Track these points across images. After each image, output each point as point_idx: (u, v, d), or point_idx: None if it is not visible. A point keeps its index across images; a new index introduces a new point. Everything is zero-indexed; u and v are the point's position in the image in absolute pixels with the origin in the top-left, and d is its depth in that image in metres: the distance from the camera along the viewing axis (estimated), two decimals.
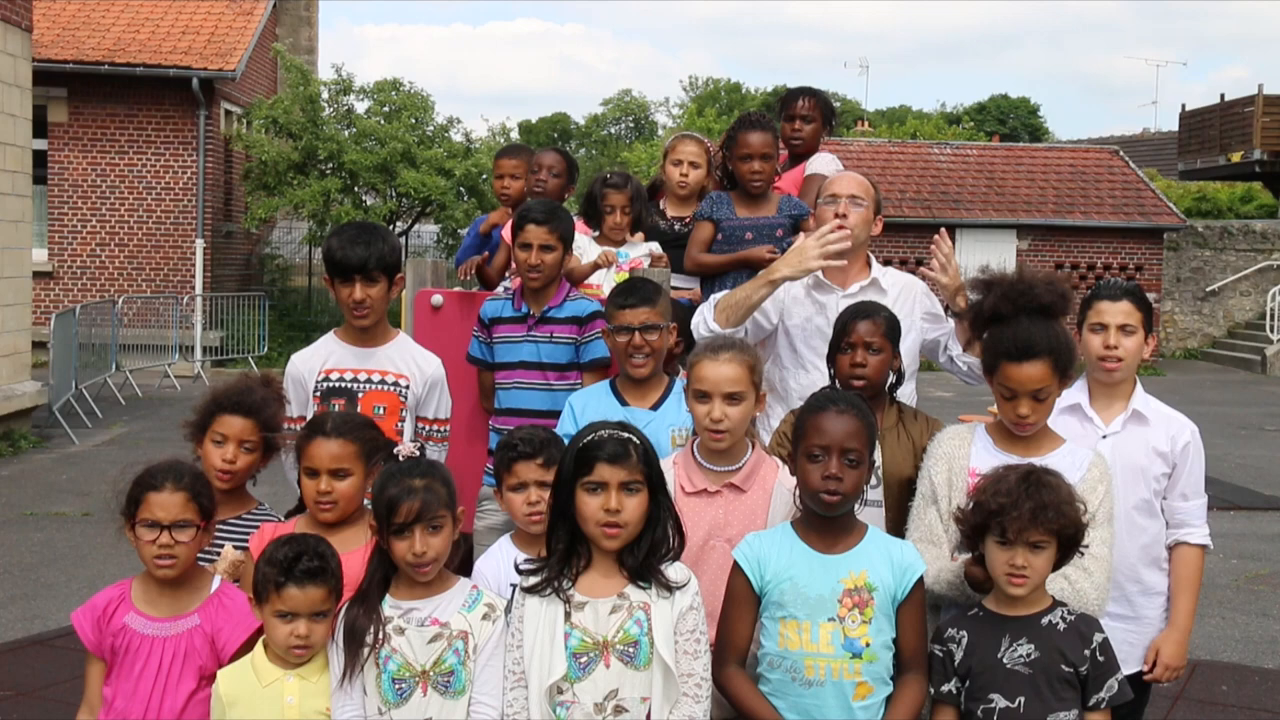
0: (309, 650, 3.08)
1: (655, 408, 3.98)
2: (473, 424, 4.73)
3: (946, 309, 4.37)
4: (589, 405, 4.00)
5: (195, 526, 3.22)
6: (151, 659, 3.19)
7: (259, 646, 3.14)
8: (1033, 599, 3.13)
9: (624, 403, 3.99)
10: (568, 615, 2.98)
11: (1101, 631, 3.16)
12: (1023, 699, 3.06)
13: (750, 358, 3.51)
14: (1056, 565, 3.13)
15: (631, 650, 2.96)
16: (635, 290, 4.09)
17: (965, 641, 3.15)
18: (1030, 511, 3.01)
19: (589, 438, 3.03)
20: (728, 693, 3.12)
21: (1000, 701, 3.07)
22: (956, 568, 3.30)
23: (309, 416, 3.95)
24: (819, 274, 4.29)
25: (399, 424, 4.05)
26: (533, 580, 3.04)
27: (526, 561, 3.13)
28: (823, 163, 5.58)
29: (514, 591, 3.33)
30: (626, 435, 3.04)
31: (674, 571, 3.04)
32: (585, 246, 5.04)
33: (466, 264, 5.20)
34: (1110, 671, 3.13)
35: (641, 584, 3.00)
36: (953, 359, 4.33)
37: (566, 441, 3.69)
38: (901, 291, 4.35)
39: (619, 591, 3.00)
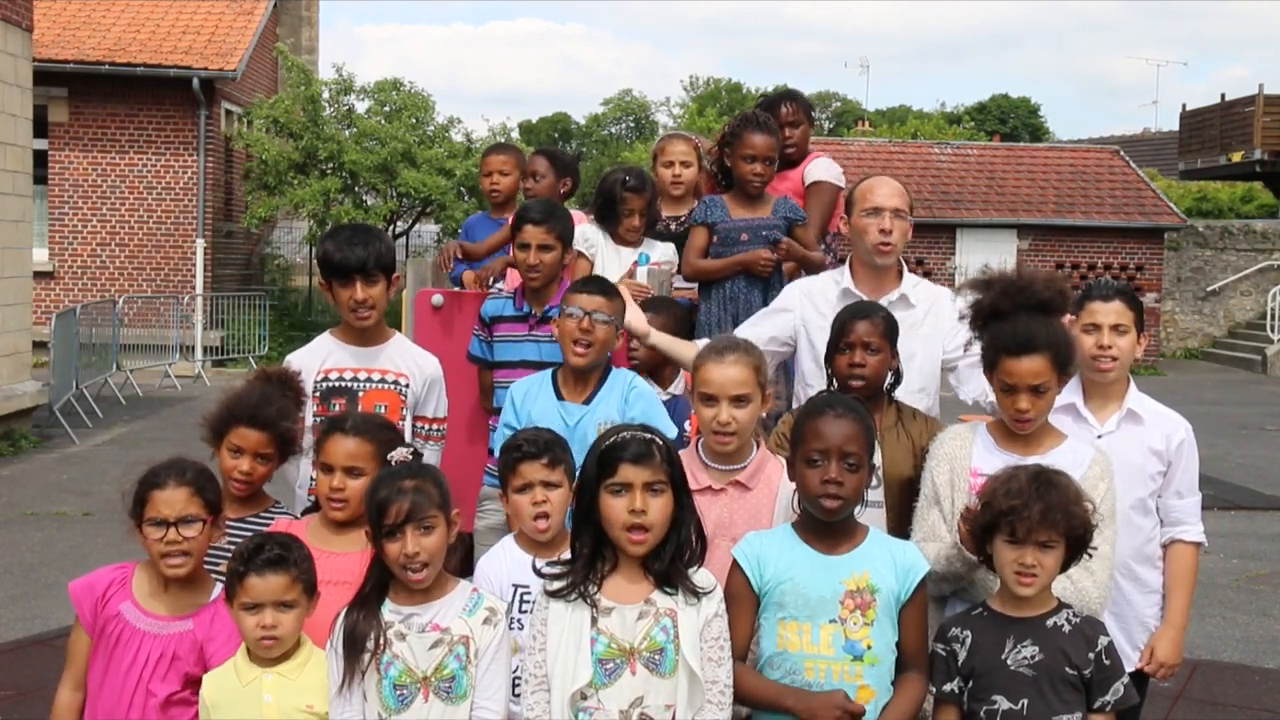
0: (277, 641, 3.06)
1: (588, 401, 3.98)
2: (473, 424, 4.72)
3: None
4: (529, 394, 4.03)
5: (202, 521, 3.23)
6: (140, 654, 3.20)
7: (241, 648, 3.13)
8: (1038, 600, 3.13)
9: (560, 396, 4.00)
10: (594, 620, 2.96)
11: (1106, 634, 3.16)
12: (1026, 701, 3.05)
13: (756, 359, 3.50)
14: (1065, 565, 3.12)
15: (658, 657, 2.95)
16: (596, 281, 4.15)
17: (969, 641, 3.14)
18: (1040, 512, 3.01)
19: (611, 439, 3.01)
20: (739, 690, 3.07)
21: (1003, 703, 3.06)
22: (953, 540, 3.30)
23: (307, 417, 3.94)
24: (849, 285, 4.26)
25: (399, 423, 4.05)
26: (558, 584, 3.02)
27: (549, 564, 3.11)
28: (823, 169, 5.57)
29: (515, 593, 3.33)
30: (649, 436, 3.02)
31: (700, 577, 3.03)
32: (600, 244, 5.04)
33: (445, 252, 5.20)
34: (1116, 675, 3.12)
35: (668, 590, 2.99)
36: (959, 386, 4.23)
37: (506, 431, 3.75)
38: (931, 306, 4.27)
39: (645, 597, 2.98)
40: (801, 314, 4.33)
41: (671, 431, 3.81)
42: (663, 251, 5.12)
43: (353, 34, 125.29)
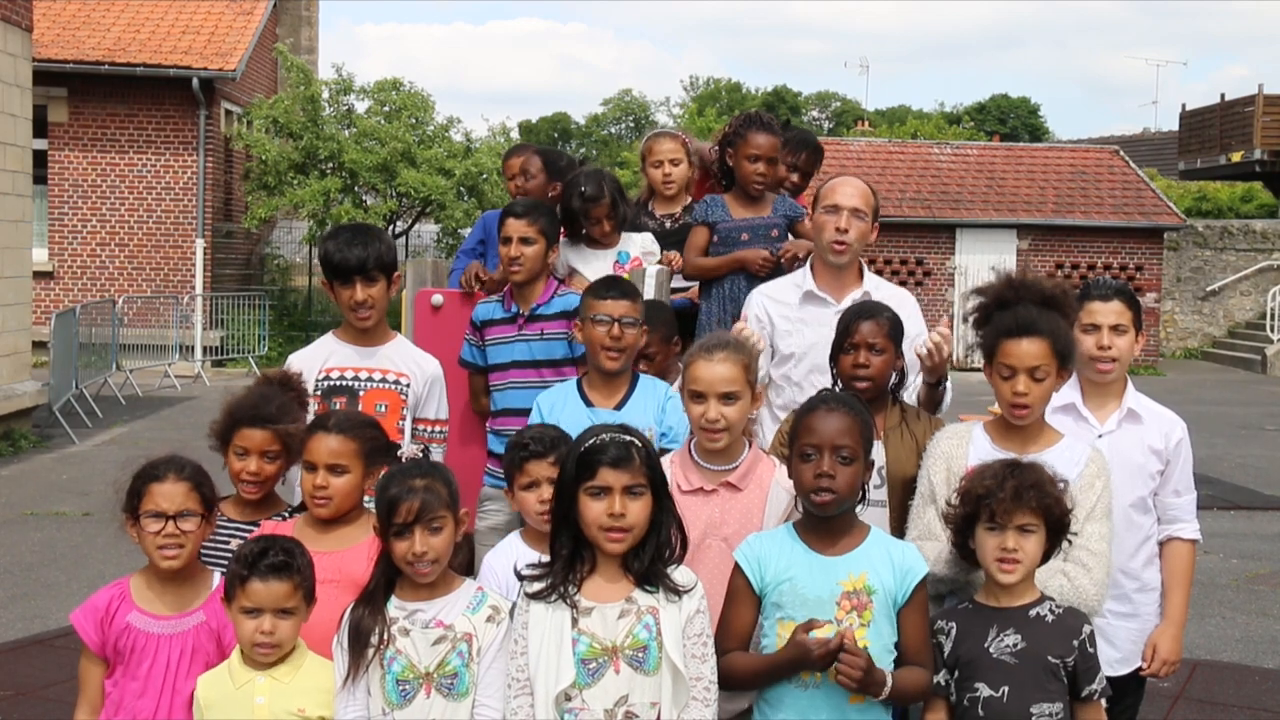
0: (275, 649, 3.07)
1: (619, 407, 3.95)
2: (470, 425, 4.72)
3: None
4: (555, 405, 3.99)
5: (198, 516, 3.25)
6: (159, 657, 3.21)
7: (236, 650, 3.14)
8: (1021, 591, 3.15)
9: (589, 403, 3.97)
10: (575, 621, 2.97)
11: (1089, 624, 3.19)
12: (1007, 688, 3.08)
13: (745, 356, 3.50)
14: (1046, 554, 3.15)
15: (641, 655, 2.95)
16: (616, 284, 4.08)
17: (954, 633, 3.17)
18: (1014, 490, 3.05)
19: (590, 441, 3.01)
20: (734, 674, 3.08)
21: (985, 691, 3.09)
22: (949, 542, 3.30)
23: (309, 415, 3.95)
24: (811, 287, 4.28)
25: (400, 422, 4.08)
26: (537, 586, 3.03)
27: (528, 567, 3.11)
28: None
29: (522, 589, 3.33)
30: (629, 439, 3.02)
31: (680, 575, 3.03)
32: (573, 260, 5.00)
33: (467, 272, 5.05)
34: (1100, 664, 3.16)
35: (648, 588, 2.99)
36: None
37: None
38: (896, 308, 4.21)
39: (626, 596, 2.99)
40: (767, 317, 4.32)
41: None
42: (641, 244, 5.08)
43: (353, 34, 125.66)
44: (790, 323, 4.28)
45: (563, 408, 3.94)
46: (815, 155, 5.49)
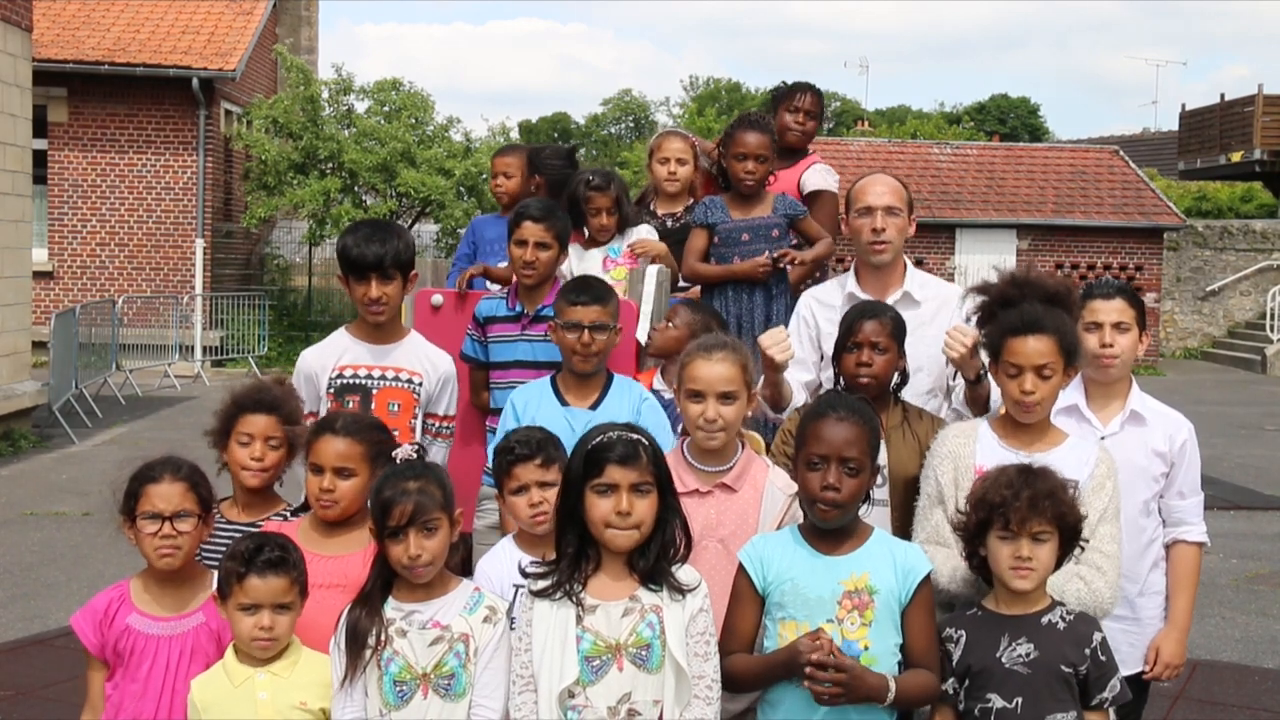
0: (273, 643, 3.07)
1: (594, 407, 3.94)
2: (471, 423, 4.72)
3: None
4: (530, 403, 3.98)
5: (195, 516, 3.25)
6: (159, 658, 3.21)
7: (229, 649, 3.14)
8: (1032, 598, 3.13)
9: (564, 402, 3.96)
10: (579, 618, 2.97)
11: (1100, 631, 3.16)
12: (1020, 699, 3.06)
13: (743, 357, 3.49)
14: (1059, 562, 3.12)
15: (644, 653, 2.96)
16: (588, 288, 4.04)
17: (964, 641, 3.14)
18: (1030, 499, 3.03)
19: (598, 439, 3.01)
20: (735, 675, 3.08)
21: (997, 701, 3.07)
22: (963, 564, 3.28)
23: (321, 413, 3.94)
24: (854, 289, 4.26)
25: (413, 421, 4.08)
26: (542, 583, 3.03)
27: (533, 564, 3.11)
28: (821, 177, 5.56)
29: (516, 593, 3.32)
30: (636, 437, 3.02)
31: (684, 574, 3.04)
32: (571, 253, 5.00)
33: (461, 276, 5.06)
34: (1112, 671, 3.13)
35: (652, 586, 3.00)
36: (949, 391, 4.18)
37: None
38: (941, 306, 4.23)
39: (630, 594, 2.99)
40: (816, 324, 4.30)
41: (670, 446, 3.74)
42: (639, 235, 5.06)
43: (352, 34, 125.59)
44: (833, 325, 4.22)
45: (538, 406, 3.95)
46: (816, 95, 5.73)
